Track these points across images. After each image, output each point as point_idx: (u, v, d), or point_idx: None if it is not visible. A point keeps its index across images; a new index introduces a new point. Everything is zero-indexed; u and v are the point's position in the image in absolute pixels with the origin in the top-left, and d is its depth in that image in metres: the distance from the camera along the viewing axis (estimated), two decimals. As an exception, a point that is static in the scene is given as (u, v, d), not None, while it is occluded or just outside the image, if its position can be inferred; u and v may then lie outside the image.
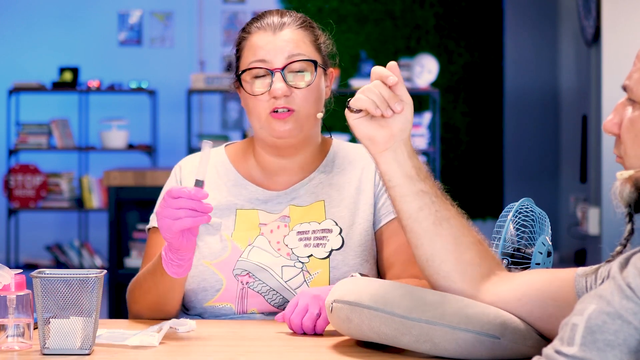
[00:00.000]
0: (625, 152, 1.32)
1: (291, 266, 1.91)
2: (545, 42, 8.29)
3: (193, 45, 8.26)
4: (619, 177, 1.32)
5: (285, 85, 1.88)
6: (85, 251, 7.82)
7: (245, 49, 1.94)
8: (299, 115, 1.90)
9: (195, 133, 7.82)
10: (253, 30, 1.94)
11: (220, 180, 2.00)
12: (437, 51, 8.15)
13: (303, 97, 1.90)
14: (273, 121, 1.90)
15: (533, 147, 8.32)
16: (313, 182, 1.98)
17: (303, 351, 1.61)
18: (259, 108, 1.91)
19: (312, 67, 1.91)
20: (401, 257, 1.93)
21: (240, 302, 1.91)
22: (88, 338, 1.53)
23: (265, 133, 1.92)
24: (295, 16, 1.96)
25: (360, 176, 1.99)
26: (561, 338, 1.13)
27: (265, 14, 1.97)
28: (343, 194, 1.97)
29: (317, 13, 8.24)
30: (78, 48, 8.13)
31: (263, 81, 1.91)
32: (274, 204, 1.97)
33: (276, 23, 1.92)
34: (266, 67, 1.90)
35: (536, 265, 1.76)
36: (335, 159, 2.02)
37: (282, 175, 1.99)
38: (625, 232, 1.36)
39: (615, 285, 1.13)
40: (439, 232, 1.56)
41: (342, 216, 1.95)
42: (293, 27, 1.93)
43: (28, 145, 7.71)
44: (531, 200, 1.84)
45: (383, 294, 1.51)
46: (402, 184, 1.59)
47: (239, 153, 2.04)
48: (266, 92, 1.89)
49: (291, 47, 1.90)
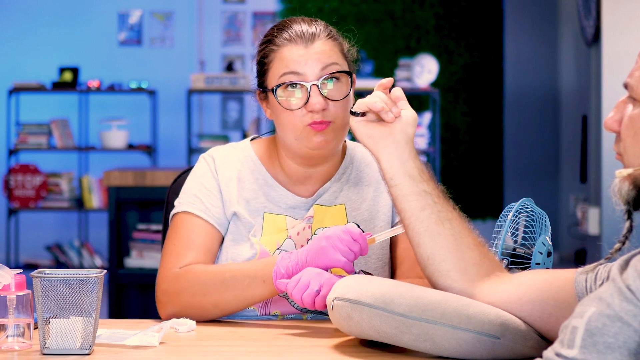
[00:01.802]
0: (625, 149, 1.33)
1: None
2: (545, 42, 8.29)
3: (193, 45, 8.26)
4: (617, 175, 1.33)
5: (322, 99, 1.86)
6: (85, 251, 7.82)
7: (274, 62, 1.90)
8: (335, 126, 1.89)
9: (195, 133, 7.82)
10: (282, 42, 1.90)
11: (251, 177, 1.98)
12: (437, 51, 8.15)
13: (339, 107, 1.88)
14: (310, 132, 1.87)
15: (533, 147, 8.32)
16: (334, 187, 1.98)
17: (303, 351, 1.61)
18: (295, 121, 1.87)
19: (347, 78, 1.90)
20: (411, 255, 1.94)
21: (263, 305, 1.91)
22: (88, 338, 1.53)
23: (300, 145, 1.90)
24: (322, 25, 1.94)
25: (378, 178, 1.99)
26: (561, 341, 1.13)
27: (292, 24, 1.93)
28: (363, 197, 1.98)
29: (317, 13, 8.24)
30: (78, 48, 8.14)
31: (298, 94, 1.88)
32: (301, 210, 1.96)
33: (307, 35, 1.89)
34: (301, 80, 1.87)
35: (536, 265, 1.76)
36: (353, 161, 2.02)
37: (307, 183, 1.98)
38: (624, 230, 1.37)
39: (615, 287, 1.13)
40: (441, 231, 1.57)
41: (364, 219, 1.97)
42: (323, 38, 1.91)
43: (28, 145, 7.71)
44: (531, 200, 1.84)
45: (384, 292, 1.52)
46: (404, 183, 1.61)
47: (266, 153, 2.00)
48: (303, 106, 1.87)
49: (325, 58, 1.88)
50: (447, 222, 1.58)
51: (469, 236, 1.58)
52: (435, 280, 1.58)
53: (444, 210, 1.59)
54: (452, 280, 1.56)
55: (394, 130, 1.64)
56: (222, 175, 1.96)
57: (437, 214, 1.58)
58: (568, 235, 7.52)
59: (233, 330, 1.78)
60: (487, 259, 1.58)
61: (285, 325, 1.83)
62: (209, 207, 1.94)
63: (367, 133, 1.65)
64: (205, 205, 1.94)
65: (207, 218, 1.93)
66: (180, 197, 1.98)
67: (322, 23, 1.95)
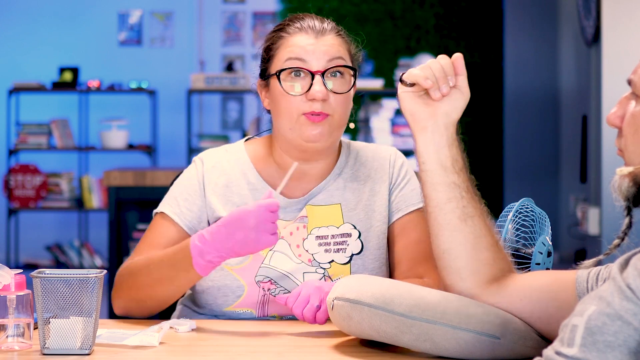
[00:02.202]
0: (626, 146, 1.33)
1: (312, 272, 1.90)
2: (545, 42, 8.29)
3: (193, 45, 8.26)
4: (618, 173, 1.33)
5: (325, 89, 1.86)
6: (85, 251, 7.82)
7: (281, 48, 1.91)
8: (332, 120, 1.88)
9: (195, 133, 7.82)
10: (293, 31, 1.91)
11: (243, 180, 1.97)
12: (437, 51, 8.15)
13: (339, 102, 1.88)
14: (306, 122, 1.87)
15: (533, 147, 8.32)
16: (329, 186, 1.97)
17: (303, 351, 1.61)
18: (292, 107, 1.87)
19: (350, 75, 1.91)
20: (409, 254, 1.94)
21: (261, 307, 1.91)
22: (88, 338, 1.53)
23: (294, 134, 1.89)
24: (332, 24, 1.95)
25: (374, 177, 1.98)
26: (561, 339, 1.13)
27: (304, 17, 1.95)
28: (359, 197, 1.97)
29: (317, 13, 8.24)
30: (78, 48, 8.13)
31: (301, 82, 1.88)
32: (291, 211, 1.95)
33: (318, 27, 1.91)
34: (307, 68, 1.88)
35: (536, 265, 1.76)
36: (348, 160, 2.01)
37: (302, 181, 1.96)
38: (624, 226, 1.37)
39: (615, 286, 1.13)
40: (462, 228, 1.55)
41: (360, 219, 1.95)
42: (333, 34, 1.92)
43: (28, 145, 7.71)
44: (531, 200, 1.84)
45: (384, 292, 1.51)
46: (435, 171, 1.58)
47: (259, 153, 2.00)
48: (304, 93, 1.87)
49: (333, 52, 1.89)
50: (470, 219, 1.55)
51: (488, 235, 1.56)
52: (445, 276, 1.57)
53: (469, 206, 1.56)
54: (460, 279, 1.55)
55: (437, 111, 1.60)
56: (208, 180, 1.96)
57: (462, 209, 1.56)
58: (568, 235, 7.52)
59: (233, 330, 1.78)
60: (501, 260, 1.56)
61: (285, 325, 1.83)
62: (183, 210, 1.94)
63: (410, 109, 1.60)
64: (180, 209, 1.95)
65: (178, 221, 1.94)
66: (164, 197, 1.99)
67: (333, 23, 1.97)
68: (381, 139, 7.28)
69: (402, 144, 7.35)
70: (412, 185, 2.00)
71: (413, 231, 1.96)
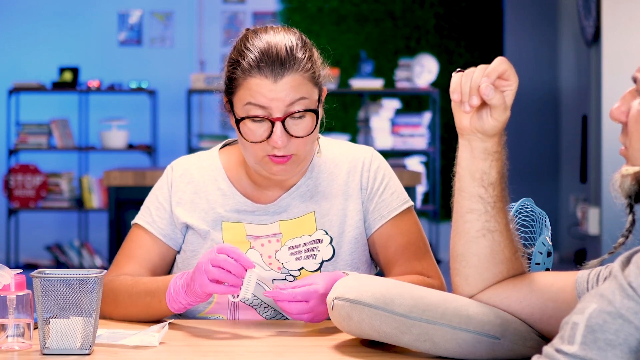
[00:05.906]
0: (631, 144, 1.32)
1: (282, 279, 1.89)
2: (545, 42, 8.29)
3: (193, 45, 8.26)
4: (624, 172, 1.32)
5: (285, 137, 1.82)
6: (85, 251, 7.82)
7: (241, 88, 1.84)
8: (297, 157, 1.86)
9: (195, 133, 7.82)
10: (250, 70, 1.82)
11: (213, 186, 1.97)
12: (437, 51, 8.15)
13: (302, 142, 1.85)
14: (270, 162, 1.85)
15: (533, 147, 8.32)
16: (300, 190, 1.95)
17: (303, 351, 1.61)
18: (256, 149, 1.85)
19: (313, 114, 1.85)
20: (405, 254, 1.92)
21: (232, 313, 1.91)
22: (88, 338, 1.53)
23: (259, 168, 1.88)
24: (296, 54, 1.84)
25: (347, 180, 1.96)
26: (562, 337, 1.13)
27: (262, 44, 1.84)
28: (331, 201, 1.95)
29: (317, 13, 8.25)
30: (78, 48, 8.14)
31: (261, 126, 1.83)
32: (261, 215, 1.94)
33: (278, 69, 1.81)
34: (267, 116, 1.81)
35: (536, 265, 1.76)
36: (320, 162, 1.98)
37: (273, 189, 1.95)
38: (627, 224, 1.36)
39: (616, 284, 1.13)
40: (479, 241, 1.52)
41: (332, 225, 1.93)
42: (294, 72, 1.82)
43: (28, 145, 7.71)
44: (531, 200, 1.84)
45: (384, 292, 1.51)
46: (464, 178, 1.53)
47: (232, 161, 1.99)
48: (266, 139, 1.83)
49: (293, 94, 1.82)
50: (490, 234, 1.51)
51: (506, 250, 1.53)
52: (453, 276, 1.56)
53: (493, 221, 1.51)
54: (467, 284, 1.54)
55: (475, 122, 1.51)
56: (176, 187, 1.97)
57: (483, 223, 1.51)
58: (568, 235, 7.52)
59: (233, 330, 1.78)
60: (515, 271, 1.54)
61: (285, 325, 1.83)
62: (156, 219, 1.96)
63: (454, 111, 1.53)
64: (152, 218, 1.96)
65: (151, 230, 1.95)
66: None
67: (296, 36, 1.87)
68: (381, 139, 7.28)
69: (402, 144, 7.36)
70: (392, 188, 1.97)
71: (401, 236, 1.94)
